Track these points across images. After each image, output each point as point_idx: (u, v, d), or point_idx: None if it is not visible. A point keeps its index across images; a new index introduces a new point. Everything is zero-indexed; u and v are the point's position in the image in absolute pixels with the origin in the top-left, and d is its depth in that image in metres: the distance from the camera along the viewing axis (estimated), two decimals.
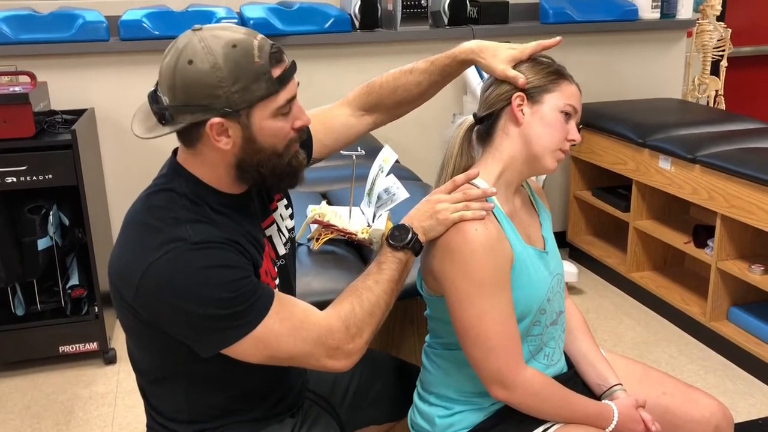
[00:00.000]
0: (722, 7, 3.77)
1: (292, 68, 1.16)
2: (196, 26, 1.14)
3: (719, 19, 3.84)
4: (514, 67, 1.33)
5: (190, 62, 1.09)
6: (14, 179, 2.46)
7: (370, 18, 3.18)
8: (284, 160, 1.19)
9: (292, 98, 1.16)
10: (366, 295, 1.23)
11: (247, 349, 1.15)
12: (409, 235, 1.26)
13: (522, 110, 1.31)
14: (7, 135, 2.44)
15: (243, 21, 3.03)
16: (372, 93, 1.48)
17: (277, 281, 1.30)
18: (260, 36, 1.14)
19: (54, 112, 2.72)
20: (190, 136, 1.15)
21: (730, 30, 3.81)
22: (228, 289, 1.11)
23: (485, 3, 3.35)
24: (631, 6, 3.50)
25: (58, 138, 2.54)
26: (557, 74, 1.33)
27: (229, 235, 1.16)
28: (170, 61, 1.11)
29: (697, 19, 3.74)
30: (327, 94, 1.57)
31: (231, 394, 1.28)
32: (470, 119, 1.37)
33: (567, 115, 1.32)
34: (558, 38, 1.36)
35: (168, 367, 1.24)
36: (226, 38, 1.10)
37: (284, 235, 1.37)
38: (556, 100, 1.30)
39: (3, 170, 2.45)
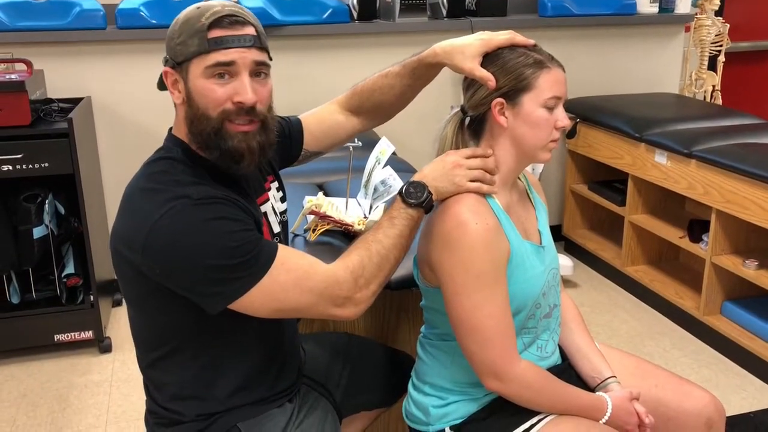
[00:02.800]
0: (721, 2, 3.77)
1: (237, 38, 1.18)
2: None
3: (717, 14, 3.84)
4: (485, 61, 1.29)
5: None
6: (10, 167, 2.46)
7: (369, 9, 3.18)
8: (211, 127, 1.19)
9: (226, 64, 1.18)
10: (375, 248, 1.24)
11: (254, 301, 1.17)
12: (425, 194, 1.26)
13: (504, 114, 1.29)
14: (3, 123, 2.44)
15: None
16: (355, 95, 1.51)
17: None
18: (234, 7, 1.21)
19: (50, 101, 2.72)
20: (168, 89, 1.25)
21: (728, 25, 3.81)
22: (232, 238, 1.14)
23: None
24: (630, 0, 3.50)
25: (55, 126, 2.53)
26: (533, 67, 1.27)
27: (227, 194, 1.19)
28: None
29: (696, 14, 3.74)
30: (324, 85, 1.58)
31: (233, 364, 1.29)
32: (459, 114, 1.37)
33: (551, 107, 1.28)
34: (532, 41, 1.31)
35: (176, 336, 1.26)
36: (207, 3, 1.21)
37: (277, 216, 1.40)
38: (535, 97, 1.27)
39: None
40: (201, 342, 1.26)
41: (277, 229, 1.38)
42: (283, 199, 1.44)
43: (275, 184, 1.42)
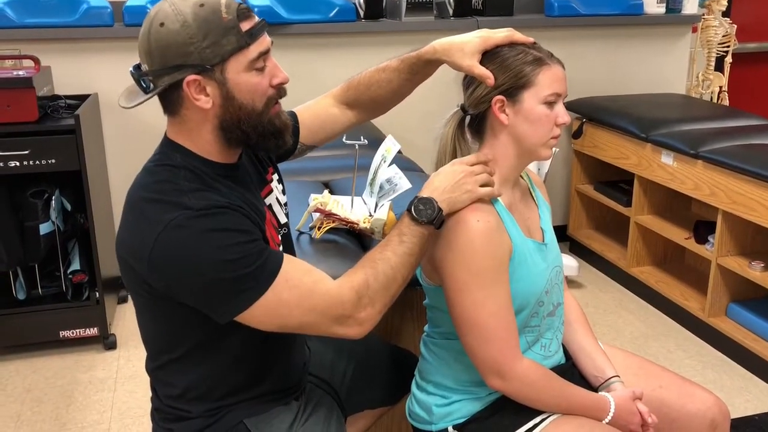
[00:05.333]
0: (728, 2, 3.76)
1: (262, 25, 1.19)
2: None
3: (725, 14, 3.83)
4: (485, 59, 1.30)
5: (162, 25, 1.13)
6: (17, 163, 2.47)
7: (375, 8, 3.18)
8: (265, 118, 1.20)
9: (266, 52, 1.18)
10: (382, 268, 1.21)
11: (258, 316, 1.16)
12: (435, 211, 1.24)
13: (504, 111, 1.29)
14: (11, 119, 2.45)
15: None
16: (351, 89, 1.50)
17: (280, 248, 1.32)
18: None
19: (57, 97, 2.73)
20: (171, 101, 1.19)
21: (736, 26, 3.80)
22: (232, 251, 1.12)
23: None
24: (637, 0, 3.49)
25: (62, 123, 2.54)
26: (532, 64, 1.27)
27: (230, 200, 1.17)
28: (144, 28, 1.16)
29: (703, 15, 3.73)
30: (330, 83, 1.58)
31: (240, 363, 1.29)
32: (459, 113, 1.37)
33: (551, 103, 1.29)
34: (531, 39, 1.31)
35: (185, 342, 1.26)
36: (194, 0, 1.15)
37: (282, 207, 1.39)
38: (535, 93, 1.27)
39: (6, 154, 2.45)
40: (209, 344, 1.26)
41: (283, 219, 1.38)
42: (283, 192, 1.43)
43: (276, 176, 1.41)
